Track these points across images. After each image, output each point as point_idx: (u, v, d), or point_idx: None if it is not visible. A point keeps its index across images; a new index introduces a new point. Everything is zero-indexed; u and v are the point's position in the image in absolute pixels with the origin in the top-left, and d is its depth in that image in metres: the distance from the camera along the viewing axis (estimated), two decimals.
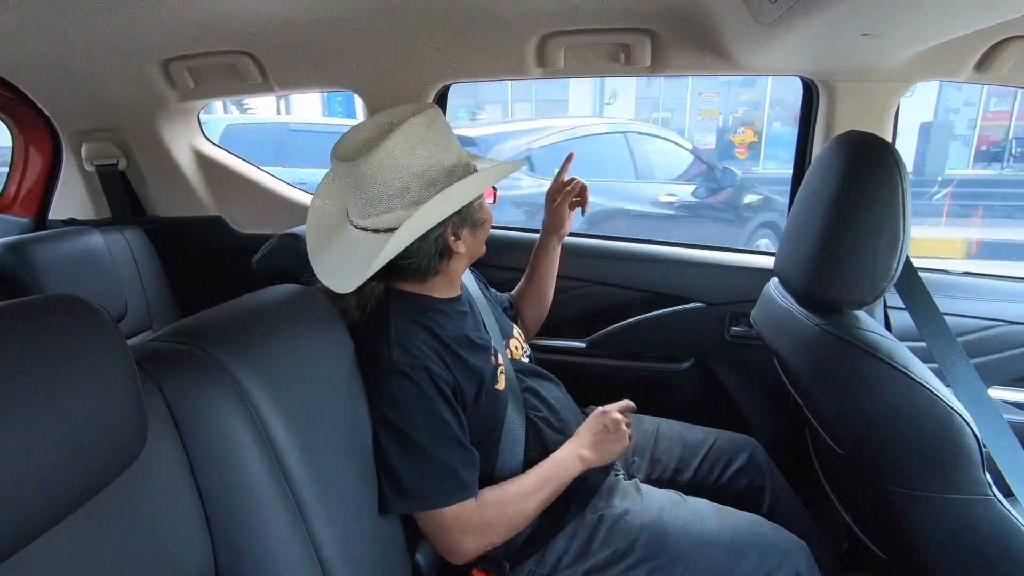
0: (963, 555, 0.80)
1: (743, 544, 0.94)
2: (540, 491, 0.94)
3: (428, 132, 0.88)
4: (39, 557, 0.48)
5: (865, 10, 0.75)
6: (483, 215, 0.99)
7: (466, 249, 0.98)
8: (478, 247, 1.02)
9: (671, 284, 1.54)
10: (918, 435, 0.76)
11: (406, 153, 0.86)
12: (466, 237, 0.96)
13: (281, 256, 1.16)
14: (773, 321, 1.01)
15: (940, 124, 9.94)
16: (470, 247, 0.99)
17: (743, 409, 1.54)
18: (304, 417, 0.77)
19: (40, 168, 1.86)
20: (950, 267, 1.46)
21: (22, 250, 1.43)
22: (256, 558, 0.66)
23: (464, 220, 0.94)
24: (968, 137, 10.70)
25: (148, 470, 0.59)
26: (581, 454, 0.98)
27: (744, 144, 10.81)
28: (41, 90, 1.67)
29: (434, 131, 0.89)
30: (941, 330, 0.92)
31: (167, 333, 0.74)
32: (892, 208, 0.79)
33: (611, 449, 1.00)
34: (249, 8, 1.24)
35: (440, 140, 0.90)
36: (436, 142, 0.89)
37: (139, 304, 1.74)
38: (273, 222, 1.82)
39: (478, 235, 1.00)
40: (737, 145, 10.75)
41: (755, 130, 11.01)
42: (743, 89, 11.00)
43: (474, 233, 0.98)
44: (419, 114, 0.88)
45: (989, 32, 1.15)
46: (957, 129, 10.52)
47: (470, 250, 1.00)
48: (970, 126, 10.80)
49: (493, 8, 1.25)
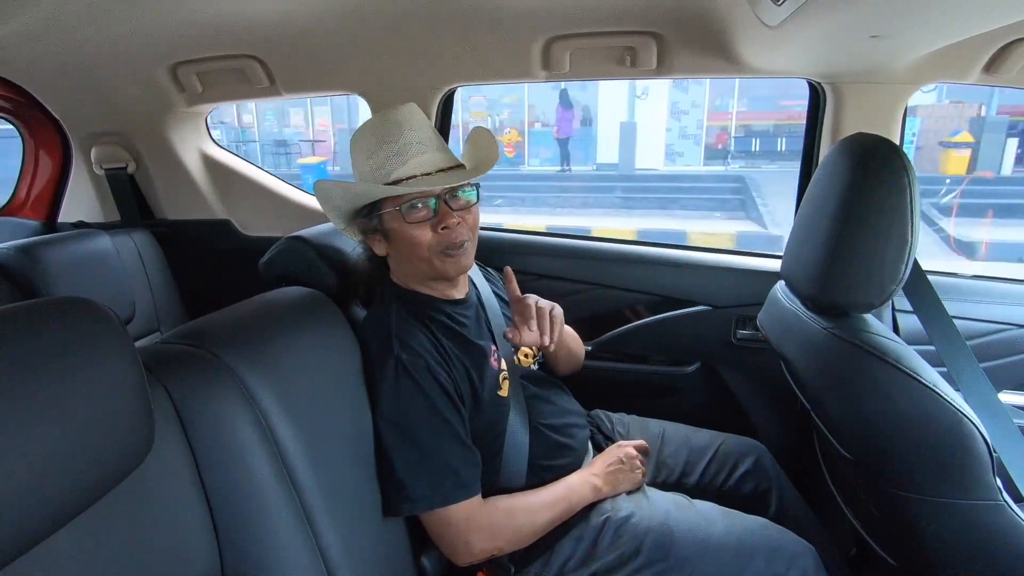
0: (972, 561, 0.80)
1: (750, 547, 0.93)
2: (550, 508, 0.95)
3: (376, 127, 0.95)
4: (47, 557, 0.48)
5: (873, 12, 0.74)
6: (392, 230, 0.94)
7: (386, 254, 0.99)
8: (408, 260, 0.97)
9: (677, 287, 1.53)
10: (927, 440, 0.76)
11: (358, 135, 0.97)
12: (382, 242, 0.98)
13: (287, 259, 1.16)
14: (780, 324, 1.01)
15: (628, 124, 11.83)
16: (393, 254, 0.99)
17: (749, 413, 1.53)
18: (310, 419, 0.77)
19: (50, 172, 1.88)
20: (959, 271, 1.45)
21: (32, 252, 1.44)
22: (261, 559, 0.66)
23: (372, 223, 0.96)
24: (699, 136, 12.21)
25: (155, 471, 0.59)
26: (594, 483, 1.00)
27: (511, 143, 12.43)
28: (52, 95, 1.69)
29: (380, 129, 0.95)
30: (950, 333, 0.91)
31: (174, 335, 0.75)
32: (900, 211, 0.78)
33: (623, 481, 1.02)
34: (257, 13, 1.25)
35: (375, 140, 0.94)
36: (376, 139, 0.94)
37: (147, 306, 1.75)
38: (280, 225, 1.83)
39: (395, 248, 0.97)
40: (506, 144, 12.02)
41: (519, 131, 12.54)
42: (505, 93, 12.48)
43: (390, 243, 0.97)
44: (389, 111, 0.96)
45: (998, 34, 1.14)
46: (689, 129, 12.21)
47: (397, 258, 0.99)
48: (699, 126, 12.28)
49: (499, 12, 1.25)
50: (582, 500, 0.98)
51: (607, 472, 1.02)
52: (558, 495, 0.97)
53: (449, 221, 0.93)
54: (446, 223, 0.93)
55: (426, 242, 0.93)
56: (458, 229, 0.94)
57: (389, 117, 0.95)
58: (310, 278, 1.09)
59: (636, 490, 1.05)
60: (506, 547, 0.92)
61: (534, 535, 0.94)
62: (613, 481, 1.01)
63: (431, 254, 0.94)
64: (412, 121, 0.95)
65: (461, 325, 0.99)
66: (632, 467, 1.04)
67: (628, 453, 1.05)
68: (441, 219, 0.93)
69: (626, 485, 1.03)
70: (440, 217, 0.93)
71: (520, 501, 0.95)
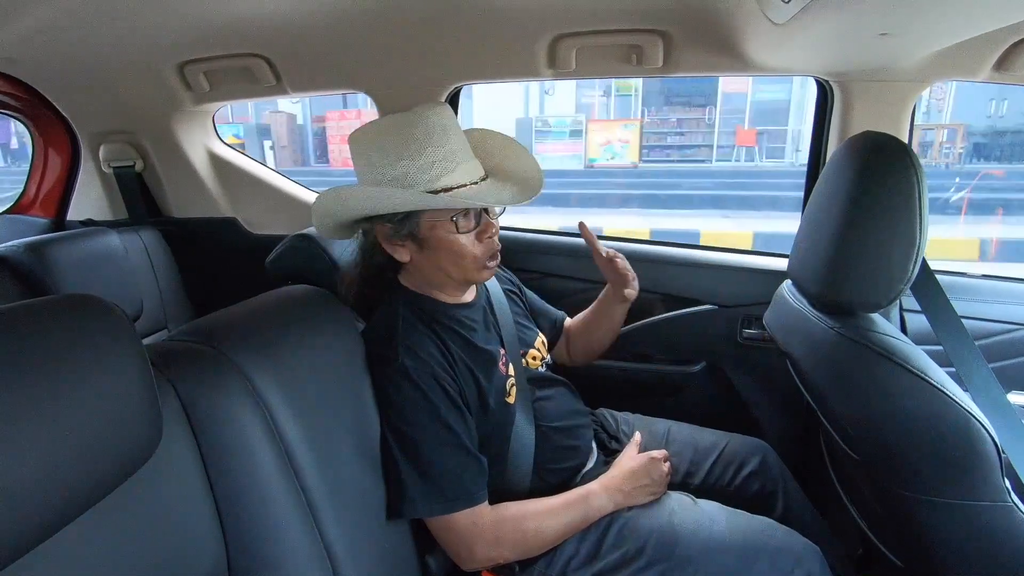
0: (980, 563, 0.79)
1: (754, 548, 0.92)
2: (561, 514, 0.93)
3: (406, 127, 0.88)
4: (54, 553, 0.48)
5: (882, 9, 0.74)
6: (433, 237, 0.92)
7: (411, 260, 0.95)
8: (442, 267, 0.94)
9: (683, 286, 1.53)
10: (935, 440, 0.75)
11: (368, 131, 0.91)
12: (410, 249, 0.94)
13: (294, 257, 1.17)
14: (786, 324, 1.00)
15: (525, 120, 13.47)
16: (421, 261, 0.95)
17: (755, 412, 1.52)
18: (316, 417, 0.78)
19: (59, 170, 1.90)
20: (969, 270, 1.44)
21: (41, 250, 1.46)
22: (267, 556, 0.66)
23: (402, 230, 0.91)
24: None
25: (162, 468, 0.59)
26: (617, 500, 0.97)
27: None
28: (60, 94, 1.71)
29: (414, 131, 0.88)
30: (959, 333, 0.90)
31: (182, 333, 0.75)
32: (908, 209, 0.78)
33: (645, 495, 0.99)
34: (264, 12, 1.25)
35: (412, 142, 0.88)
36: (412, 141, 0.88)
37: (154, 304, 1.76)
38: (286, 223, 1.84)
39: (431, 256, 0.94)
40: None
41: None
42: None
43: (421, 251, 0.94)
44: (425, 111, 0.89)
45: (1010, 31, 1.13)
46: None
47: (425, 265, 0.96)
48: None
49: (505, 10, 1.25)
50: (600, 510, 0.95)
51: (636, 488, 0.98)
52: (570, 501, 0.94)
53: (492, 231, 0.93)
54: (489, 233, 0.93)
55: (474, 252, 0.93)
56: (496, 239, 0.95)
57: (430, 118, 0.89)
58: (316, 276, 1.10)
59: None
60: (511, 555, 0.91)
61: (544, 545, 0.92)
62: (637, 496, 0.98)
63: (474, 264, 0.94)
64: (455, 126, 0.92)
65: (469, 330, 0.98)
66: (662, 484, 1.01)
67: (661, 472, 1.01)
68: (484, 229, 0.93)
69: (646, 499, 0.99)
70: (484, 227, 0.93)
71: (531, 507, 0.92)
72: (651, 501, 1.00)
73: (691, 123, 15.00)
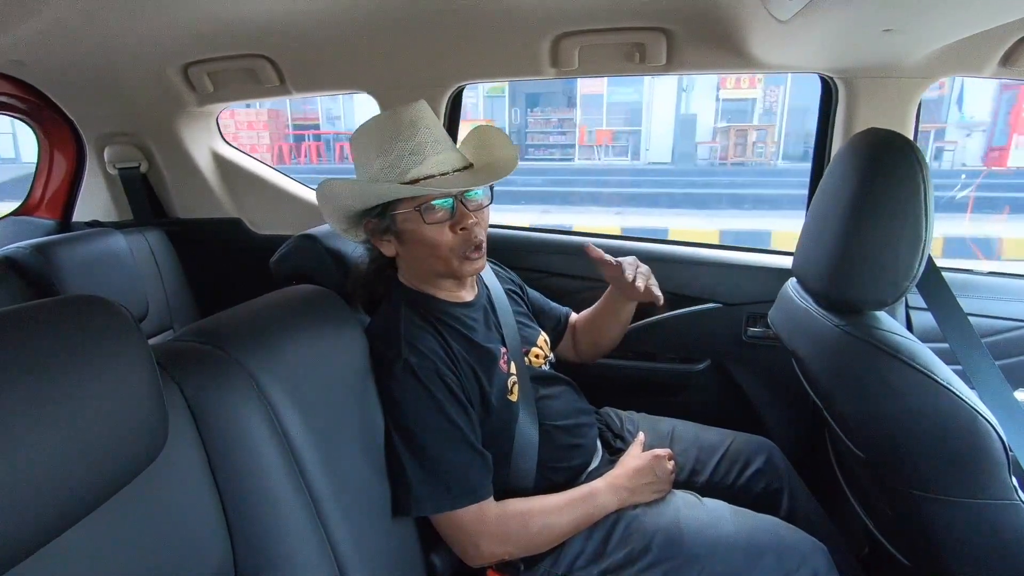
0: (987, 561, 0.78)
1: (760, 546, 0.92)
2: (566, 511, 0.93)
3: (385, 124, 0.93)
4: (60, 554, 0.49)
5: (887, 5, 0.73)
6: (406, 231, 0.93)
7: (396, 254, 0.98)
8: (422, 261, 0.96)
9: (687, 284, 1.52)
10: (941, 439, 0.75)
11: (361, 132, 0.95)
12: (392, 243, 0.97)
13: (298, 257, 1.17)
14: (791, 322, 1.00)
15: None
16: (405, 256, 0.98)
17: (760, 411, 1.52)
18: (321, 416, 0.78)
19: (64, 171, 1.91)
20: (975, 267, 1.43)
21: (47, 251, 1.47)
22: (273, 555, 0.67)
23: (384, 223, 0.94)
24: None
25: (168, 468, 0.59)
26: (622, 496, 0.97)
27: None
28: (66, 96, 1.71)
29: (391, 127, 0.92)
30: (965, 331, 0.90)
31: (187, 333, 0.75)
32: (914, 207, 0.77)
33: (649, 493, 0.99)
34: (267, 13, 1.26)
35: (386, 138, 0.91)
36: (388, 137, 0.92)
37: (160, 304, 1.77)
38: (290, 223, 1.85)
39: (411, 250, 0.96)
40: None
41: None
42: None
43: (402, 244, 0.96)
44: (398, 108, 0.93)
45: (1015, 26, 1.12)
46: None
47: (409, 259, 0.98)
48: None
49: (508, 9, 1.25)
50: (604, 508, 0.96)
51: (641, 485, 0.99)
52: (575, 498, 0.95)
53: (467, 222, 0.93)
54: (464, 224, 0.93)
55: (446, 243, 0.93)
56: (475, 229, 0.94)
57: (401, 114, 0.92)
58: (320, 276, 1.10)
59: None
60: (517, 552, 0.91)
61: (550, 541, 0.92)
62: (642, 494, 0.99)
63: (451, 255, 0.94)
64: (426, 119, 0.93)
65: (470, 328, 0.99)
66: (666, 484, 1.01)
67: (666, 470, 1.01)
68: (459, 220, 0.92)
69: (650, 497, 1.00)
70: (458, 218, 0.92)
71: (536, 504, 0.93)
72: (657, 499, 1.00)
73: (568, 123, 15.21)
